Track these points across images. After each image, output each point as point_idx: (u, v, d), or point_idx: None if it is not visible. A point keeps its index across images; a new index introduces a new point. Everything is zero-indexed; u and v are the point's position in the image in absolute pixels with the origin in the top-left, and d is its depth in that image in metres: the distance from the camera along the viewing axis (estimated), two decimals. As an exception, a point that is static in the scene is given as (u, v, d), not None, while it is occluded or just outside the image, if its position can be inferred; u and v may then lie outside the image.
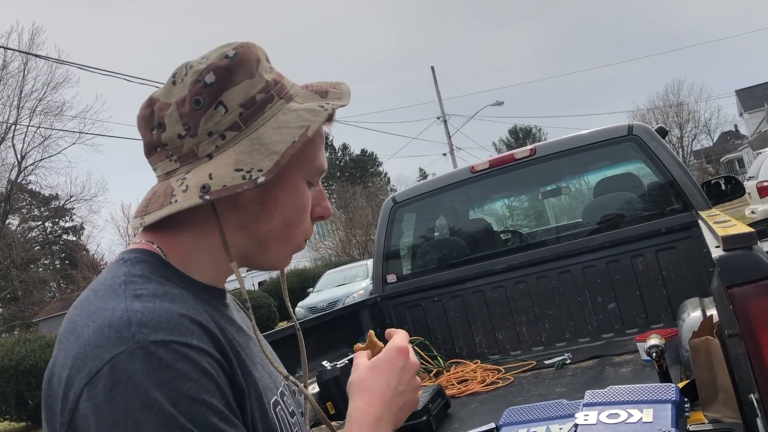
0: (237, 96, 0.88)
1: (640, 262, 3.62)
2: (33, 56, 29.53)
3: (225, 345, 0.82)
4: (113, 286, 0.82)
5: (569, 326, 3.74)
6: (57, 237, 44.75)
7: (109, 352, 0.74)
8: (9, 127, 31.83)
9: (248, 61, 0.90)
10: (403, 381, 0.95)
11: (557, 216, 5.70)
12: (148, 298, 0.80)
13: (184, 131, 0.87)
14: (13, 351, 10.76)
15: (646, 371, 2.90)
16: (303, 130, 0.87)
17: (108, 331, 0.75)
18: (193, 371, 0.75)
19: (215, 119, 0.87)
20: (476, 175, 4.03)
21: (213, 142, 0.87)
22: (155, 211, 0.87)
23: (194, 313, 0.81)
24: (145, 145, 0.92)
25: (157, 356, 0.73)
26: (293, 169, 0.91)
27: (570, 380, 3.14)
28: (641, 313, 3.61)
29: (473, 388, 3.33)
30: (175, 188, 0.86)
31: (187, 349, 0.76)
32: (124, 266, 0.86)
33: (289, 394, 1.00)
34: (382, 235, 4.26)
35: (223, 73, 0.88)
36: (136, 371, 0.72)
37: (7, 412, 10.93)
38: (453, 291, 4.01)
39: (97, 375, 0.73)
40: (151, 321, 0.76)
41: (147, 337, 0.74)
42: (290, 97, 0.92)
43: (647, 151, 3.64)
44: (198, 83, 0.87)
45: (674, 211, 3.58)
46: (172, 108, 0.88)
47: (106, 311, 0.78)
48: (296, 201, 0.93)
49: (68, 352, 0.77)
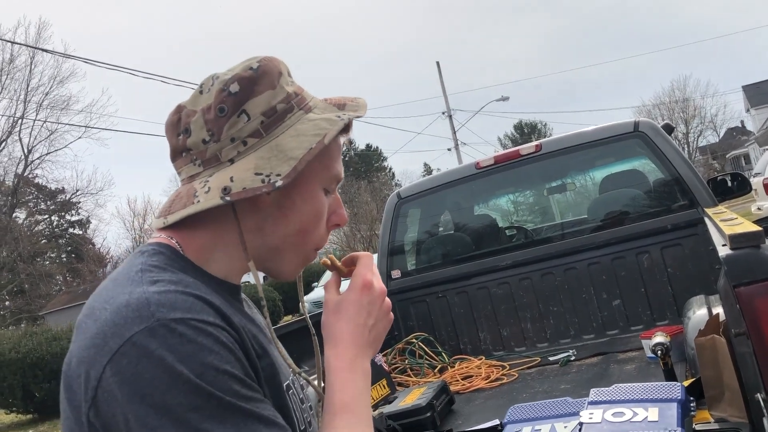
0: (259, 105, 0.93)
1: (645, 259, 3.61)
2: (40, 50, 29.57)
3: (238, 327, 0.86)
4: (130, 274, 0.87)
5: (574, 323, 3.74)
6: (63, 231, 44.91)
7: (129, 330, 0.77)
8: (16, 121, 31.91)
9: (271, 73, 0.95)
10: (372, 314, 0.98)
11: (562, 212, 5.69)
12: (164, 284, 0.84)
13: (208, 137, 0.93)
14: (20, 344, 10.82)
15: (651, 368, 2.90)
16: (320, 138, 0.92)
17: (126, 311, 0.79)
18: (213, 344, 0.79)
19: (238, 126, 0.92)
20: (481, 171, 4.02)
21: (235, 148, 0.92)
22: (178, 211, 0.92)
23: (208, 297, 0.85)
24: (171, 150, 0.97)
25: (178, 332, 0.77)
26: (311, 176, 0.95)
27: (574, 377, 3.14)
28: (646, 310, 3.60)
29: (477, 385, 3.33)
30: (197, 190, 0.91)
31: (205, 324, 0.80)
32: (142, 257, 0.91)
33: (298, 387, 1.03)
34: (386, 230, 4.26)
35: (246, 83, 0.93)
36: (159, 346, 0.76)
37: (14, 405, 10.99)
38: (458, 287, 4.01)
39: (119, 351, 0.76)
40: (167, 301, 0.80)
41: (166, 315, 0.78)
42: (309, 109, 0.97)
43: (653, 147, 3.63)
44: (223, 92, 0.93)
45: (680, 207, 3.57)
46: (198, 115, 0.94)
47: (123, 295, 0.82)
48: (313, 207, 0.97)
49: (87, 333, 0.81)
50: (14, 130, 32.51)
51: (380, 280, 1.01)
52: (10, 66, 31.58)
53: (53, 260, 44.23)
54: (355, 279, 0.99)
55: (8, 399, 10.81)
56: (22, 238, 35.65)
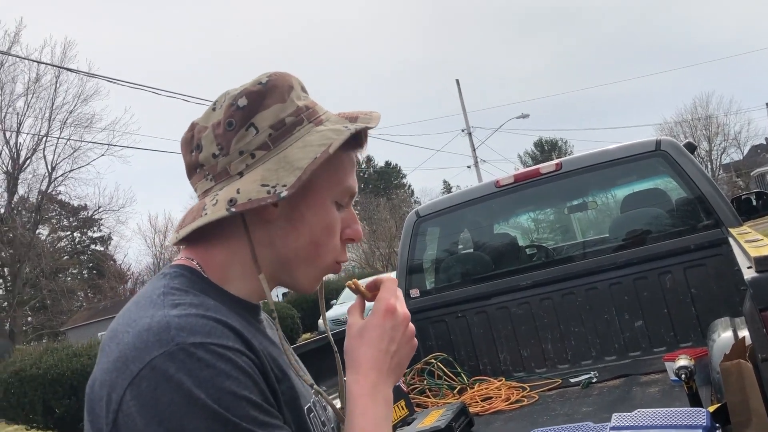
0: (267, 118, 0.93)
1: (668, 279, 3.56)
2: (65, 70, 30.07)
3: (258, 350, 0.85)
4: (152, 297, 0.87)
5: (595, 344, 3.68)
6: (85, 247, 45.42)
7: (149, 354, 0.77)
8: (40, 138, 32.39)
9: (280, 87, 0.95)
10: (395, 340, 0.96)
11: (583, 231, 5.64)
12: (185, 307, 0.84)
13: (217, 151, 0.93)
14: (41, 360, 10.89)
15: (675, 392, 2.84)
16: (325, 148, 0.91)
17: (147, 335, 0.79)
18: (231, 369, 0.78)
19: (246, 139, 0.92)
20: (501, 189, 4.00)
21: (243, 161, 0.92)
22: (187, 225, 0.92)
23: (229, 320, 0.85)
24: (186, 167, 0.98)
25: (197, 356, 0.77)
26: (320, 188, 0.95)
27: (596, 399, 3.09)
28: (669, 331, 3.54)
29: (497, 406, 3.29)
30: (207, 203, 0.91)
31: (224, 349, 0.79)
32: (164, 279, 0.91)
33: (320, 408, 1.02)
34: (405, 248, 4.24)
35: (255, 97, 0.93)
36: (177, 371, 0.76)
37: (34, 420, 11.04)
38: (477, 307, 3.97)
39: (138, 375, 0.76)
40: (188, 325, 0.80)
41: (186, 340, 0.78)
42: (321, 122, 0.96)
43: (675, 166, 3.59)
44: (232, 106, 0.93)
45: (703, 227, 3.52)
46: (209, 130, 0.95)
47: (145, 318, 0.82)
48: (323, 219, 0.96)
49: (110, 357, 0.81)
50: (39, 147, 33.01)
51: (404, 305, 0.99)
52: (35, 85, 32.13)
53: (75, 276, 44.70)
54: (379, 304, 0.97)
55: (29, 414, 10.85)
56: (45, 254, 36.04)
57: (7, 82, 31.62)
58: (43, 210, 35.46)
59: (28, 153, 33.00)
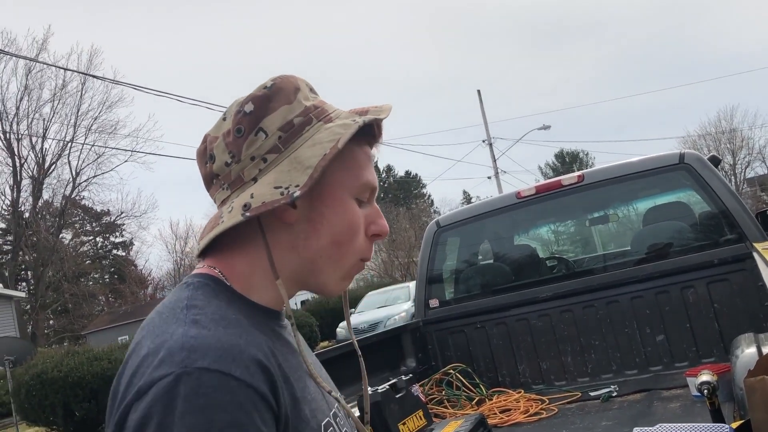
0: (275, 121, 0.92)
1: (690, 294, 3.53)
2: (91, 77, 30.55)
3: (274, 373, 0.83)
4: (175, 310, 0.87)
5: (616, 357, 3.65)
6: (107, 252, 45.92)
7: (159, 373, 0.77)
8: (66, 144, 32.89)
9: (285, 89, 0.95)
10: None
11: (604, 244, 5.60)
12: (205, 323, 0.83)
13: (229, 159, 0.93)
14: (62, 363, 10.98)
15: (697, 408, 2.81)
16: (333, 143, 0.90)
17: (162, 353, 0.79)
18: (228, 403, 0.76)
19: (256, 144, 0.92)
20: (522, 200, 3.99)
21: (256, 166, 0.92)
22: (206, 235, 0.92)
23: (247, 340, 0.83)
24: (204, 179, 0.98)
25: (198, 383, 0.76)
26: (337, 185, 0.94)
27: (616, 413, 3.06)
28: (691, 346, 3.50)
29: (516, 419, 3.27)
30: (223, 212, 0.91)
31: (229, 379, 0.77)
32: (188, 290, 0.90)
33: (343, 415, 1.00)
34: (425, 259, 4.24)
35: (261, 101, 0.93)
36: (176, 395, 0.75)
37: (54, 423, 11.13)
38: (497, 318, 3.96)
39: (146, 393, 0.76)
40: (201, 347, 0.79)
41: (193, 363, 0.77)
42: (330, 119, 0.95)
43: (699, 180, 3.56)
44: (239, 113, 0.93)
45: (727, 242, 3.48)
46: (220, 139, 0.94)
47: (165, 334, 0.82)
48: (343, 217, 0.95)
49: (128, 368, 0.82)
50: (64, 153, 33.52)
51: None
52: (62, 91, 32.69)
53: (96, 281, 45.18)
54: None
55: (49, 417, 10.95)
56: (68, 258, 36.51)
57: (34, 88, 32.23)
58: (66, 215, 35.99)
59: (54, 158, 33.55)
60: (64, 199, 34.92)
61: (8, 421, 14.46)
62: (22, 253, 34.49)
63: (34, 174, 33.34)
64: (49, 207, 35.69)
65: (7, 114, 31.86)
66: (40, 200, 34.45)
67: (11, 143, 32.32)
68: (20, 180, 33.04)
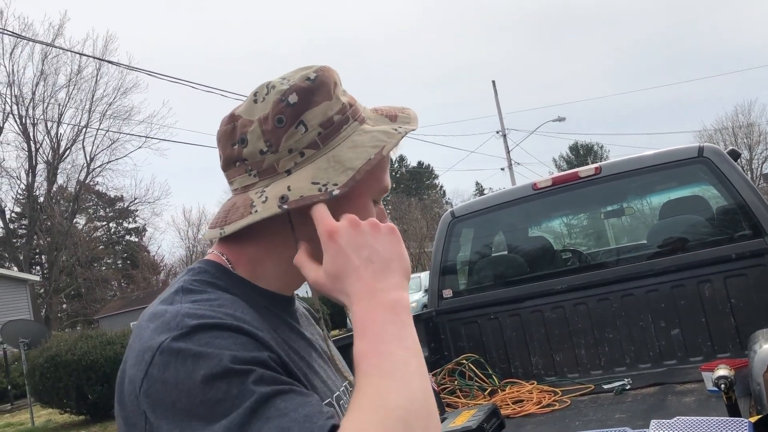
0: (316, 116, 0.92)
1: (707, 288, 3.50)
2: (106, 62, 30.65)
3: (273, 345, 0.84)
4: (175, 295, 0.89)
5: (630, 351, 3.64)
6: (120, 237, 46.22)
7: (159, 340, 0.79)
8: (80, 130, 33.07)
9: (327, 83, 0.95)
10: (360, 246, 0.84)
11: (619, 237, 5.58)
12: (201, 303, 0.85)
13: (266, 147, 0.92)
14: (76, 346, 11.10)
15: (712, 402, 2.79)
16: (378, 150, 0.91)
17: (161, 327, 0.81)
18: (237, 337, 0.79)
19: (296, 137, 0.92)
20: (538, 192, 3.98)
21: (292, 159, 0.92)
22: (236, 221, 0.91)
23: (242, 314, 0.84)
24: (224, 159, 0.97)
25: (195, 334, 0.78)
26: (363, 187, 0.95)
27: (630, 406, 3.05)
28: (707, 341, 3.48)
29: (529, 410, 3.27)
30: (254, 200, 0.91)
31: (228, 326, 0.80)
32: (188, 275, 0.93)
33: (348, 400, 1.01)
34: (439, 249, 4.24)
35: (304, 94, 0.92)
36: (181, 349, 0.77)
37: (68, 405, 11.27)
38: (510, 309, 3.96)
39: (151, 363, 0.78)
40: (197, 313, 0.81)
41: (190, 322, 0.79)
42: (363, 120, 0.97)
43: (718, 174, 3.53)
44: (281, 102, 0.92)
45: (745, 237, 3.45)
46: (255, 125, 0.93)
47: (164, 313, 0.84)
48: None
49: (133, 351, 0.84)
50: (78, 138, 33.70)
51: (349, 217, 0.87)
52: (77, 77, 32.83)
53: (109, 266, 45.50)
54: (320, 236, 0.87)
55: (63, 399, 11.08)
56: (81, 243, 36.77)
57: (50, 74, 32.38)
58: (80, 200, 36.22)
59: (68, 143, 33.75)
60: (79, 185, 35.13)
61: (23, 403, 14.64)
62: (37, 238, 34.79)
63: (49, 159, 33.56)
64: (63, 192, 35.95)
65: (23, 99, 32.06)
66: (55, 185, 34.70)
67: (27, 128, 32.52)
68: (35, 165, 33.29)
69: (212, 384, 0.74)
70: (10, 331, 13.61)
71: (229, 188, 0.98)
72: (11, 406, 15.35)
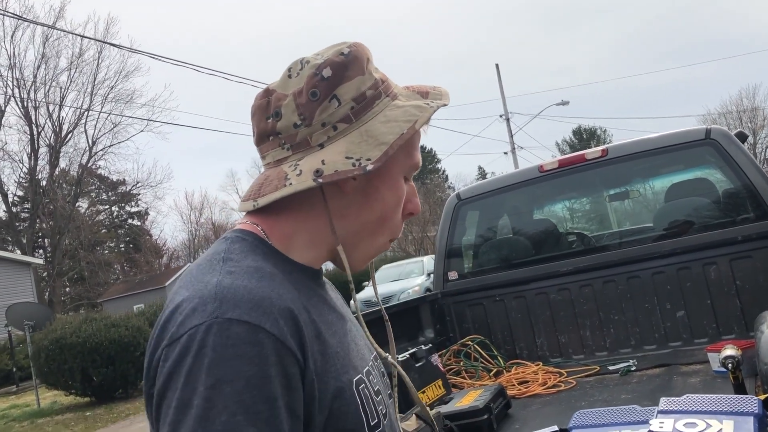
0: (350, 91, 0.93)
1: (712, 271, 3.51)
2: (108, 45, 30.55)
3: (304, 328, 0.85)
4: (212, 262, 0.89)
5: (635, 332, 3.65)
6: (123, 221, 46.33)
7: (191, 322, 0.79)
8: (82, 113, 33.02)
9: (360, 59, 0.96)
10: None
11: (625, 219, 5.57)
12: (239, 275, 0.85)
13: (299, 120, 0.93)
14: (80, 329, 11.17)
15: (717, 383, 2.81)
16: (411, 124, 0.92)
17: (197, 302, 0.81)
18: (255, 356, 0.78)
19: (329, 111, 0.92)
20: (544, 174, 3.97)
21: (325, 133, 0.92)
22: (269, 194, 0.92)
23: (279, 294, 0.85)
24: (258, 133, 0.97)
25: (228, 334, 0.78)
26: (395, 162, 0.96)
27: (635, 387, 3.07)
28: (712, 322, 3.50)
29: (534, 390, 3.29)
30: (288, 173, 0.91)
31: (258, 331, 0.79)
32: (225, 243, 0.93)
33: (377, 374, 1.02)
34: (444, 231, 4.24)
35: (338, 68, 0.93)
36: (206, 344, 0.77)
37: (73, 387, 11.35)
38: (515, 291, 3.97)
39: (177, 340, 0.79)
40: (233, 299, 0.81)
41: (224, 314, 0.79)
42: (395, 96, 0.97)
43: (725, 156, 3.52)
44: (315, 76, 0.93)
45: (752, 219, 3.45)
46: (290, 99, 0.94)
47: (201, 283, 0.84)
48: (395, 194, 0.98)
49: (164, 315, 0.85)
50: (80, 122, 33.67)
51: None
52: (79, 60, 32.74)
53: (112, 249, 45.63)
54: None
55: (68, 381, 11.17)
56: (84, 227, 36.85)
57: (51, 57, 32.29)
58: (83, 183, 36.22)
59: (70, 127, 33.73)
60: (81, 168, 35.14)
61: (28, 385, 14.75)
62: (40, 221, 34.85)
63: (51, 142, 33.55)
64: (65, 175, 35.96)
65: (24, 82, 31.99)
66: (57, 169, 34.71)
67: (29, 111, 32.49)
68: (38, 148, 33.29)
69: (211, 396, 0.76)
70: (14, 313, 13.68)
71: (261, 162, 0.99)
72: (17, 388, 15.46)
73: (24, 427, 10.62)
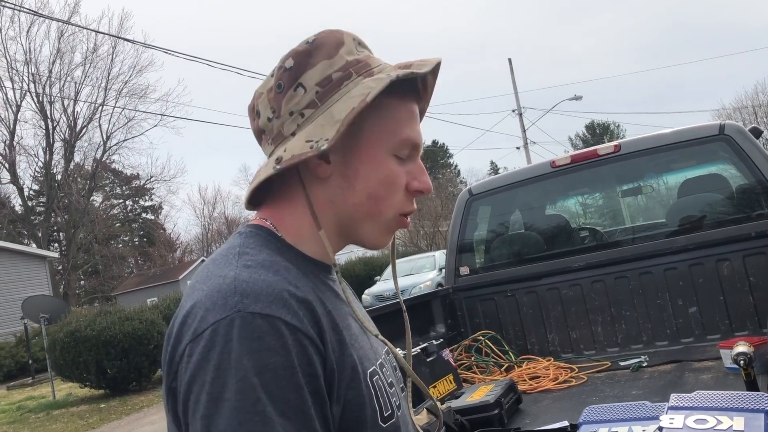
0: (314, 77, 0.93)
1: (725, 267, 3.49)
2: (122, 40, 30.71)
3: (321, 318, 0.86)
4: (228, 256, 0.90)
5: (647, 328, 3.65)
6: (136, 215, 46.62)
7: (214, 317, 0.80)
8: (97, 108, 33.23)
9: (327, 44, 0.95)
10: None
11: (637, 215, 5.55)
12: (256, 269, 0.86)
13: (271, 114, 0.96)
14: (95, 322, 11.27)
15: (729, 379, 2.80)
16: (363, 97, 0.89)
17: (216, 296, 0.82)
18: (280, 347, 0.79)
19: (295, 100, 0.94)
20: (556, 170, 3.96)
21: (294, 121, 0.94)
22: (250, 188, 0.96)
23: (296, 286, 0.86)
24: (254, 134, 1.01)
25: (252, 327, 0.79)
26: (372, 140, 0.94)
27: (647, 383, 3.06)
28: (724, 319, 3.48)
29: (545, 386, 3.29)
30: (262, 167, 0.95)
31: (280, 324, 0.80)
32: (240, 238, 0.94)
33: (390, 367, 1.02)
34: (456, 226, 4.24)
35: (301, 57, 0.94)
36: (231, 338, 0.78)
37: (87, 379, 11.46)
38: (527, 287, 3.97)
39: (201, 335, 0.80)
40: (253, 292, 0.82)
41: (247, 308, 0.80)
42: (371, 74, 0.94)
43: (739, 152, 3.50)
44: (280, 69, 0.96)
45: (766, 215, 3.43)
46: (263, 96, 0.97)
47: (218, 278, 0.85)
48: (377, 173, 0.95)
49: (182, 311, 0.86)
50: (95, 116, 33.90)
51: None
52: (93, 55, 32.95)
53: (126, 243, 45.96)
54: None
55: (83, 374, 11.27)
56: (98, 220, 37.16)
57: (66, 52, 32.54)
58: (97, 178, 36.51)
59: (85, 122, 33.99)
60: (95, 162, 35.41)
61: (44, 377, 14.92)
62: (55, 215, 35.18)
63: (66, 137, 33.81)
64: (80, 170, 36.25)
65: (40, 77, 32.25)
66: (72, 163, 35.00)
67: (44, 106, 32.75)
68: (53, 142, 33.57)
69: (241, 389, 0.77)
70: (30, 306, 13.83)
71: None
72: (32, 380, 15.62)
73: (40, 419, 10.75)
